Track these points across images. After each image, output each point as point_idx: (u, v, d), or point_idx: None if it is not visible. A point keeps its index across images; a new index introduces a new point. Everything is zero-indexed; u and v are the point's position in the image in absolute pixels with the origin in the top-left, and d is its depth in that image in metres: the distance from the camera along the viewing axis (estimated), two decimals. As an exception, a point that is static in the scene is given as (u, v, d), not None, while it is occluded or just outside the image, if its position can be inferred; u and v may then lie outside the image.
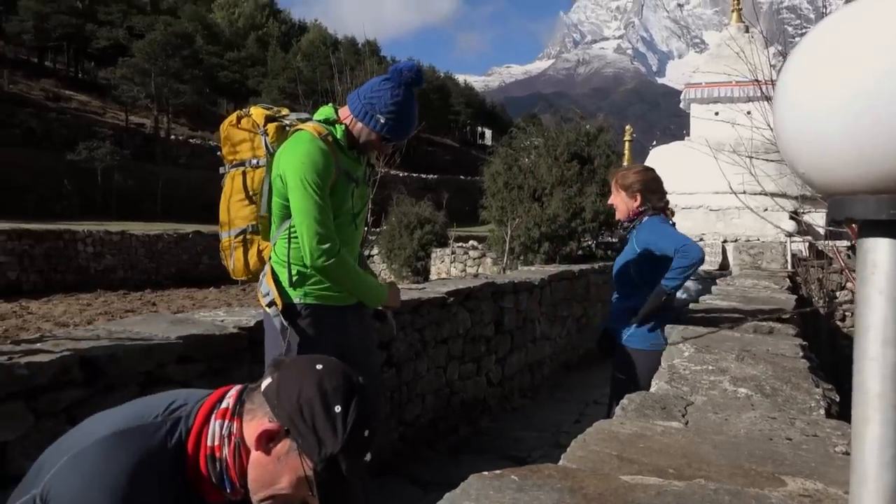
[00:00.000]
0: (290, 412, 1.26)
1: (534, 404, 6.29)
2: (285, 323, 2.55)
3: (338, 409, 1.26)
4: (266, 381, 1.33)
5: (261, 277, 2.70)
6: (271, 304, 2.57)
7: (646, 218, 3.33)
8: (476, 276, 6.51)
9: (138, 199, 30.60)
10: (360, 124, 2.59)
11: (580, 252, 10.56)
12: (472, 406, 5.44)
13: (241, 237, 2.70)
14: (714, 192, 13.29)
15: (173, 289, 18.66)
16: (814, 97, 0.79)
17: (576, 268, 8.29)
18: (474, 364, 5.53)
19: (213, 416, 1.31)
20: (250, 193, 2.69)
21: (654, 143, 18.29)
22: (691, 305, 4.45)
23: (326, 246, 2.44)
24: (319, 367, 1.32)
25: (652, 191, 3.39)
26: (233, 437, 1.30)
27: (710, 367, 2.40)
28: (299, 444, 1.26)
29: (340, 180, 2.57)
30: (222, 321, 3.29)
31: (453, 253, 14.41)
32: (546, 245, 9.95)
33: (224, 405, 1.33)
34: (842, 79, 0.76)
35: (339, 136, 2.60)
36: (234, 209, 2.72)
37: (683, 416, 1.91)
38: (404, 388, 4.56)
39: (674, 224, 3.45)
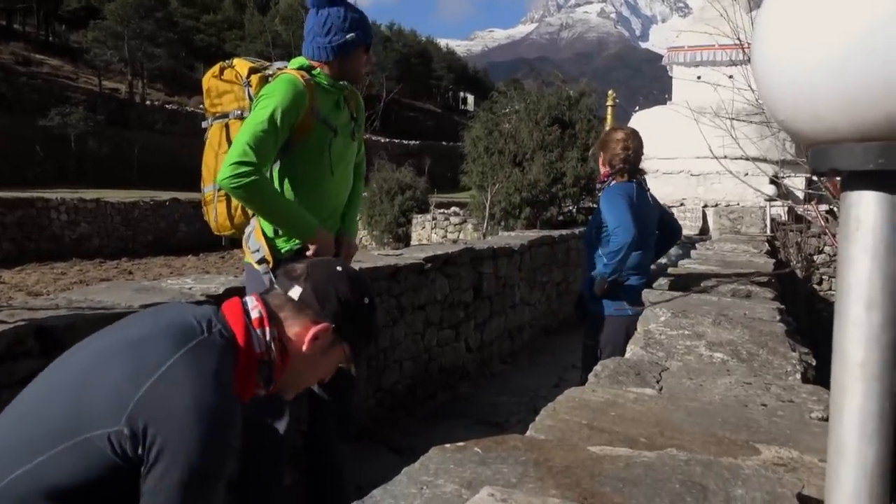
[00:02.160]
0: (335, 311, 1.44)
1: (513, 369, 6.29)
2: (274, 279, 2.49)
3: (367, 300, 1.49)
4: (297, 290, 1.46)
5: (247, 233, 2.66)
6: (262, 260, 2.52)
7: (611, 184, 3.29)
8: (456, 241, 6.47)
9: (113, 165, 30.05)
10: (337, 60, 2.58)
11: (561, 217, 10.53)
12: (450, 372, 5.43)
13: (224, 190, 2.63)
14: (695, 156, 13.26)
15: (150, 257, 18.40)
16: (799, 37, 0.71)
17: (556, 233, 8.25)
18: (453, 330, 5.49)
19: (251, 327, 1.40)
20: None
21: (637, 108, 18.21)
22: (670, 270, 4.44)
23: (243, 170, 2.36)
24: (339, 267, 1.51)
25: (623, 155, 3.35)
26: (276, 342, 1.42)
27: (687, 332, 2.35)
28: (343, 335, 1.47)
29: (317, 128, 2.55)
30: (190, 289, 3.22)
31: (434, 219, 14.30)
32: (527, 210, 9.92)
33: (256, 315, 1.42)
34: (831, 16, 0.68)
35: (321, 81, 2.57)
36: (218, 162, 2.66)
37: (658, 382, 1.87)
38: (381, 355, 4.52)
39: (647, 190, 3.40)
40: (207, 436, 1.19)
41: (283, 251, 2.60)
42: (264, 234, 2.60)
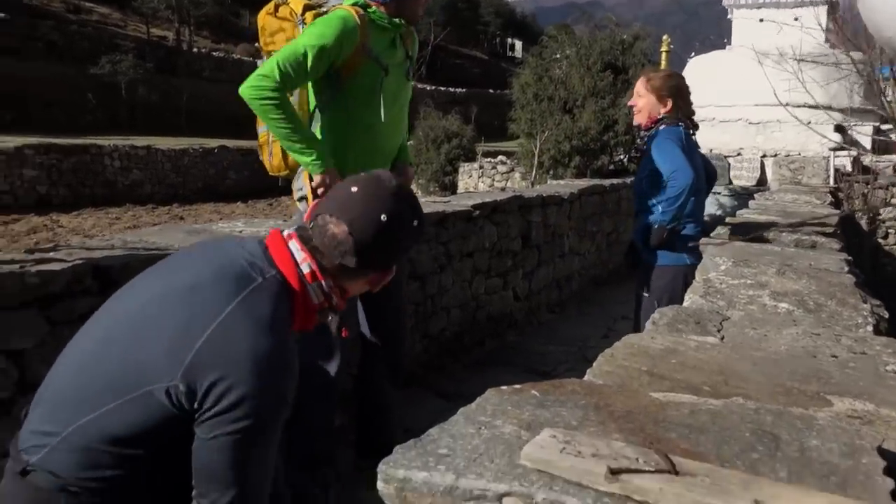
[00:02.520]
0: (381, 260, 1.42)
1: (561, 319, 6.29)
2: None
3: (416, 223, 1.46)
4: (340, 229, 1.37)
5: (298, 173, 2.66)
6: (303, 198, 2.53)
7: (661, 127, 3.19)
8: (503, 189, 6.39)
9: (162, 113, 30.51)
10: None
11: (612, 167, 10.37)
12: (498, 320, 5.44)
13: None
14: (754, 104, 12.75)
15: (200, 203, 18.78)
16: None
17: (607, 182, 8.13)
18: (500, 278, 5.49)
19: (306, 281, 1.38)
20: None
21: (693, 53, 17.55)
22: (728, 220, 4.31)
23: (265, 83, 2.35)
24: (385, 217, 1.38)
25: (683, 98, 3.24)
26: (333, 289, 1.41)
27: (749, 281, 2.28)
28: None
29: (368, 66, 2.50)
30: (240, 232, 3.26)
31: (481, 168, 14.19)
32: (577, 159, 9.79)
33: (306, 270, 1.38)
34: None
35: (376, 18, 2.52)
36: None
37: (719, 331, 1.82)
38: (429, 302, 4.54)
39: (693, 136, 3.28)
40: (266, 383, 1.20)
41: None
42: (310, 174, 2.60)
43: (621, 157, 10.61)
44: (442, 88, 38.62)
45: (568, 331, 5.85)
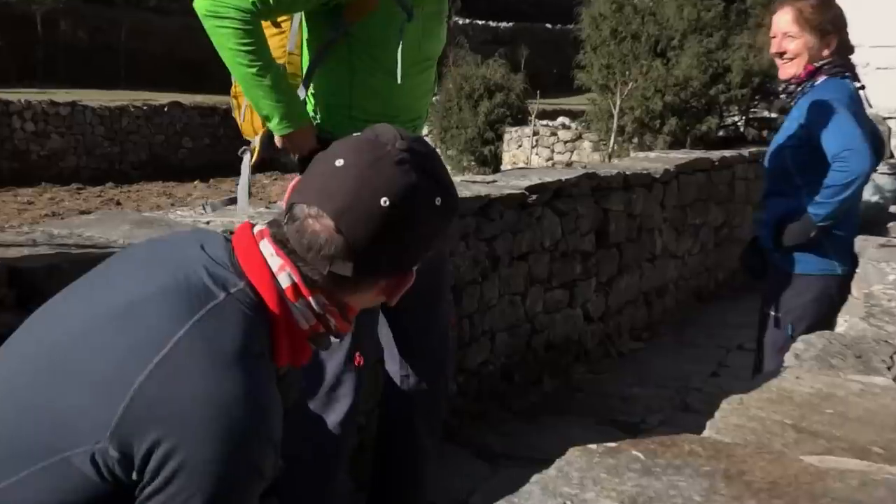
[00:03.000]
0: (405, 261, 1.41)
1: (650, 349, 6.28)
2: None
3: (439, 200, 1.37)
4: (322, 224, 1.32)
5: None
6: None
7: (820, 79, 3.15)
8: (570, 164, 6.41)
9: (92, 57, 30.93)
10: None
11: (722, 132, 10.28)
12: (561, 350, 5.46)
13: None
14: (928, 43, 12.57)
15: (144, 182, 18.96)
16: None
17: (715, 155, 8.09)
18: (565, 291, 5.50)
19: (287, 299, 1.35)
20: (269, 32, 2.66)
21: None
22: (892, 209, 4.28)
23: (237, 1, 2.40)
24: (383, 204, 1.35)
25: (845, 36, 3.20)
26: (328, 308, 1.38)
27: (931, 298, 2.27)
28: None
29: (384, 7, 2.54)
30: (207, 223, 3.30)
31: (536, 134, 14.16)
32: (672, 121, 9.73)
33: (286, 283, 1.35)
34: None
35: None
36: None
37: (890, 368, 1.83)
38: (466, 323, 4.56)
39: (862, 89, 3.25)
40: (227, 444, 1.19)
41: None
42: None
43: (735, 118, 10.50)
44: (480, 23, 38.62)
45: (661, 366, 5.85)
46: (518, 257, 4.95)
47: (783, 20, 3.20)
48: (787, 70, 3.22)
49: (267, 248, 1.36)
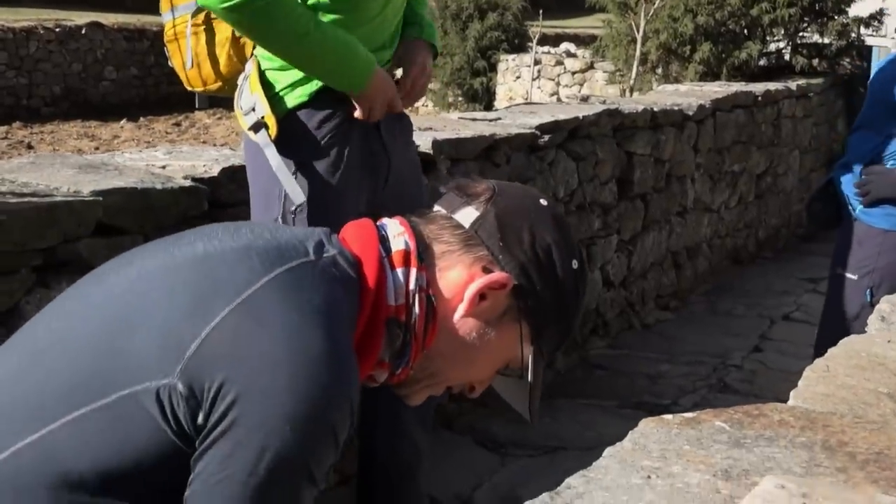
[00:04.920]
0: (523, 260, 1.44)
1: (680, 320, 6.39)
2: (280, 159, 2.59)
3: (575, 264, 1.47)
4: (469, 213, 1.47)
5: (240, 83, 2.70)
6: (259, 126, 2.57)
7: None
8: (585, 99, 6.42)
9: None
10: None
11: (764, 61, 10.30)
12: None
13: (201, 16, 2.66)
14: None
15: (60, 122, 18.70)
16: None
17: (758, 88, 8.14)
18: (582, 249, 5.54)
19: (388, 264, 1.43)
20: None
21: None
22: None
23: None
24: (544, 202, 1.52)
25: None
26: (423, 293, 1.43)
27: None
28: (527, 307, 1.45)
29: None
30: (164, 167, 3.31)
31: (538, 63, 14.12)
32: (705, 48, 9.68)
33: (399, 247, 1.44)
34: None
35: None
36: None
37: None
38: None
39: None
40: (314, 396, 1.23)
41: (289, 106, 2.64)
42: (263, 80, 2.64)
43: (780, 44, 10.50)
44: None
45: (693, 340, 5.94)
46: (529, 209, 4.99)
47: None
48: None
49: (391, 223, 1.50)
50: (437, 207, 1.52)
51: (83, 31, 21.49)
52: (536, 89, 13.89)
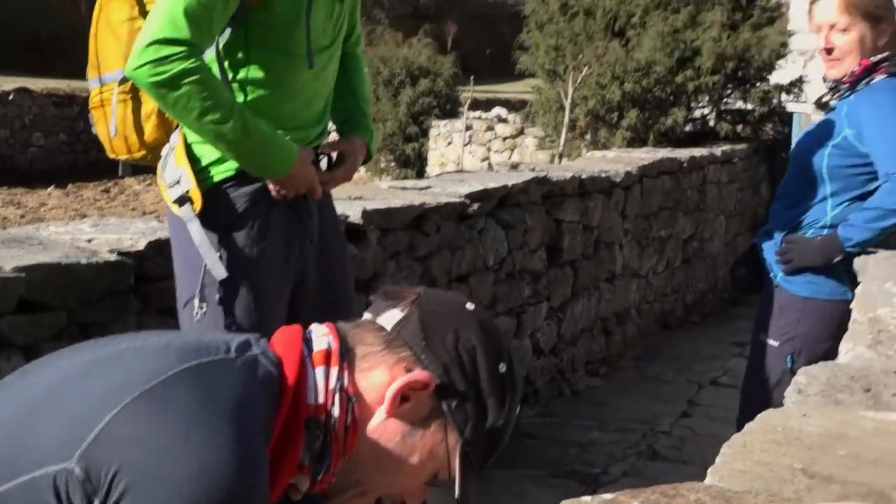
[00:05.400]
0: (446, 361, 1.44)
1: (610, 386, 6.44)
2: (203, 234, 2.60)
3: (503, 367, 1.47)
4: (393, 315, 1.47)
5: (164, 154, 2.71)
6: (184, 199, 2.57)
7: (878, 79, 3.19)
8: (515, 166, 6.48)
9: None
10: None
11: (690, 127, 10.45)
12: (508, 388, 5.51)
13: (129, 84, 2.67)
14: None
15: (-17, 189, 18.56)
16: None
17: (683, 154, 8.28)
18: (512, 318, 5.60)
19: (309, 363, 1.42)
20: (147, 8, 2.66)
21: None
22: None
23: (171, 52, 2.41)
24: (471, 306, 1.54)
25: None
26: (344, 393, 1.41)
27: (945, 322, 2.38)
28: (451, 409, 1.44)
29: None
30: (89, 241, 3.29)
31: (469, 129, 14.22)
32: (632, 114, 9.77)
33: (321, 346, 1.44)
34: None
35: None
36: (116, 37, 2.72)
37: (903, 401, 1.91)
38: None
39: None
40: (199, 493, 1.22)
41: (215, 180, 2.66)
42: (189, 153, 2.66)
43: (705, 110, 10.65)
44: (398, -8, 38.71)
45: (623, 407, 5.98)
46: (457, 279, 5.01)
47: (828, 8, 3.18)
48: (836, 70, 3.23)
49: (318, 327, 1.50)
50: (365, 314, 1.52)
51: (10, 97, 21.29)
52: (468, 154, 13.94)
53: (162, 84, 2.42)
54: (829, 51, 3.20)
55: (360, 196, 4.49)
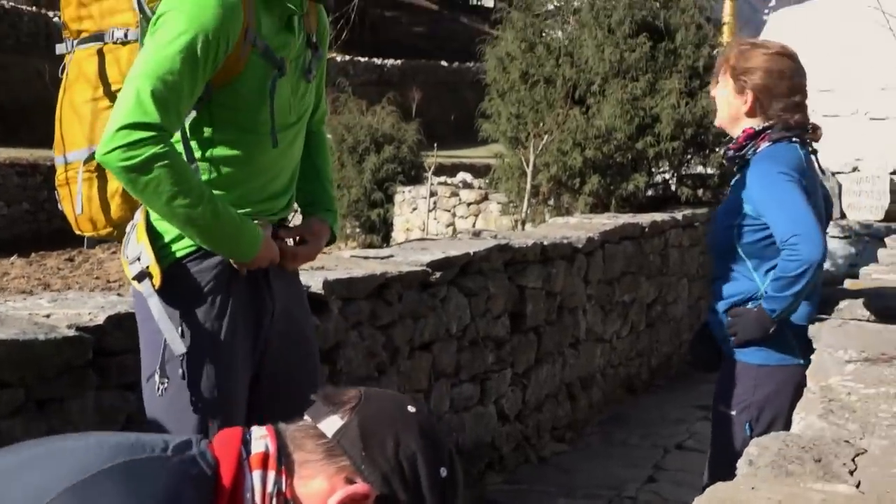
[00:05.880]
0: (386, 470, 1.45)
1: (576, 453, 6.40)
2: (163, 309, 2.61)
3: (444, 472, 1.49)
4: (333, 422, 1.49)
5: (128, 231, 2.72)
6: (144, 275, 2.58)
7: (764, 146, 3.28)
8: (478, 233, 6.50)
9: None
10: None
11: (651, 192, 10.49)
12: (472, 456, 5.49)
13: (94, 162, 2.68)
14: (880, 88, 13.27)
15: (-56, 260, 18.36)
16: None
17: (645, 219, 8.33)
18: (476, 385, 5.58)
19: (247, 465, 1.44)
20: (112, 89, 2.67)
21: (772, 2, 18.13)
22: (847, 283, 4.45)
23: (141, 136, 2.42)
24: (412, 408, 1.55)
25: (778, 91, 3.29)
26: (281, 498, 1.44)
27: (893, 390, 2.40)
28: None
29: (252, 64, 2.62)
30: (48, 316, 3.27)
31: (433, 195, 14.25)
32: (594, 180, 9.82)
33: (259, 449, 1.46)
34: None
35: None
36: (80, 117, 2.72)
37: (852, 473, 1.92)
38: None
39: (814, 154, 3.40)
40: None
41: (177, 255, 2.67)
42: (151, 230, 2.67)
43: (666, 175, 10.73)
44: (364, 60, 38.93)
45: (589, 473, 5.95)
46: (420, 347, 5.00)
47: (718, 62, 3.45)
48: (718, 122, 3.48)
49: (257, 429, 1.51)
50: (305, 416, 1.53)
51: (-29, 165, 21.20)
52: (433, 220, 13.96)
53: (133, 169, 2.42)
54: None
55: (321, 266, 4.48)
